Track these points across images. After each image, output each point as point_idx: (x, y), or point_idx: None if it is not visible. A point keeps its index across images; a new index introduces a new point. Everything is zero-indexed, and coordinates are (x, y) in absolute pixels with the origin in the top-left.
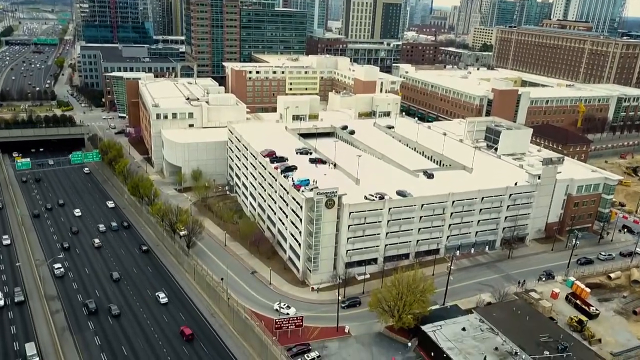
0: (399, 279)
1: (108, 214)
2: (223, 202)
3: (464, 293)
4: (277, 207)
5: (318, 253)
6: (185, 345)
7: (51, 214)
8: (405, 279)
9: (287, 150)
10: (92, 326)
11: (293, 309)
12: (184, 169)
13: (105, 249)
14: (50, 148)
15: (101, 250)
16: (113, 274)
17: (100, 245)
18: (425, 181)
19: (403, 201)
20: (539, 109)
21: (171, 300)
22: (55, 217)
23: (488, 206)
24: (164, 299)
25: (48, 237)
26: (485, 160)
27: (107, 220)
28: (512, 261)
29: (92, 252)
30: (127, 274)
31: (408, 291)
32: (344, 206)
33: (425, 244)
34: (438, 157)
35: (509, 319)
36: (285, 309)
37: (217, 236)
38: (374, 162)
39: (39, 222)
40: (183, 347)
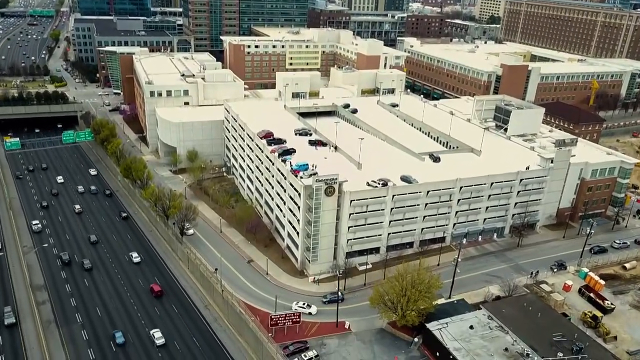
0: (403, 273)
1: (102, 201)
2: (220, 184)
3: (471, 285)
4: (275, 193)
5: (317, 243)
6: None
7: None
8: (410, 273)
9: (286, 131)
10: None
11: (314, 307)
12: (179, 150)
13: (101, 244)
14: (43, 126)
15: (97, 246)
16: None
17: (96, 240)
18: (431, 165)
19: (407, 188)
20: (549, 86)
21: (164, 291)
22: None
23: (497, 192)
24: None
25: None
26: (494, 142)
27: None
28: (522, 250)
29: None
30: (120, 265)
31: (412, 287)
32: (344, 194)
33: (431, 232)
34: (445, 138)
35: (519, 315)
36: (306, 308)
37: (213, 221)
38: (377, 144)
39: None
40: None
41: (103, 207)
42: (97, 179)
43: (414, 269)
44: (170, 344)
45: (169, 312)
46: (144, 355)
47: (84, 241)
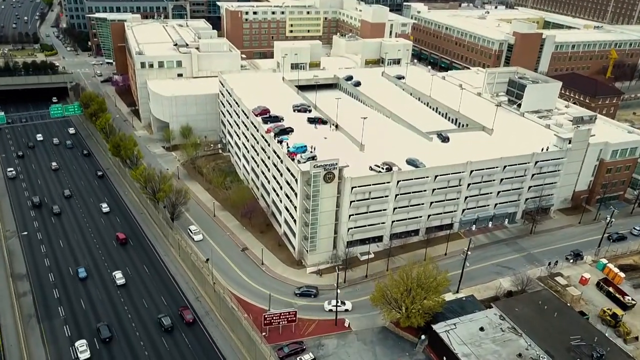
0: (408, 272)
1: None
2: (215, 162)
3: (481, 278)
4: (271, 176)
5: (315, 232)
6: (164, 335)
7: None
8: (415, 272)
9: (283, 106)
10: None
11: (349, 303)
12: (172, 125)
13: (88, 228)
14: (34, 99)
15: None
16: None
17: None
18: (440, 146)
19: (414, 173)
20: (563, 55)
21: (153, 280)
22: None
23: (510, 176)
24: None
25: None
26: (507, 119)
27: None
28: (535, 237)
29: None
30: (108, 253)
31: (418, 285)
32: (345, 180)
33: (438, 219)
34: (454, 114)
35: (533, 315)
36: (342, 305)
37: (206, 204)
38: (381, 121)
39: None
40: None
41: (93, 187)
42: (88, 160)
43: (420, 265)
44: (158, 343)
45: (158, 306)
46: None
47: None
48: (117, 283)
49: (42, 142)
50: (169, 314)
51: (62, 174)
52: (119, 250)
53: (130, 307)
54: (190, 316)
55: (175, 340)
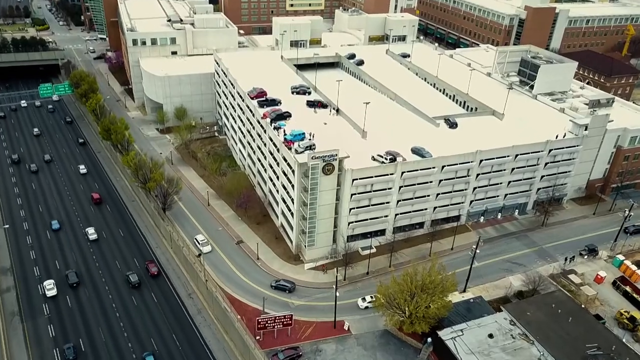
0: (411, 274)
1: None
2: (210, 146)
3: (490, 275)
4: (267, 164)
5: (314, 226)
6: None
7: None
8: (420, 274)
9: (281, 88)
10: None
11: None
12: (166, 106)
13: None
14: (26, 77)
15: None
16: None
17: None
18: (447, 132)
19: (420, 163)
20: (577, 31)
21: (142, 281)
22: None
23: (522, 165)
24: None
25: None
26: (518, 102)
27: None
28: (547, 230)
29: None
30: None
31: (422, 290)
32: (345, 172)
33: (444, 211)
34: (462, 97)
35: (546, 320)
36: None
37: (201, 192)
38: (385, 104)
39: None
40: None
41: (81, 180)
42: (77, 134)
43: (424, 267)
44: (147, 342)
45: (146, 301)
46: None
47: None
48: (89, 237)
49: (38, 137)
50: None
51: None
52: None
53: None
54: (154, 268)
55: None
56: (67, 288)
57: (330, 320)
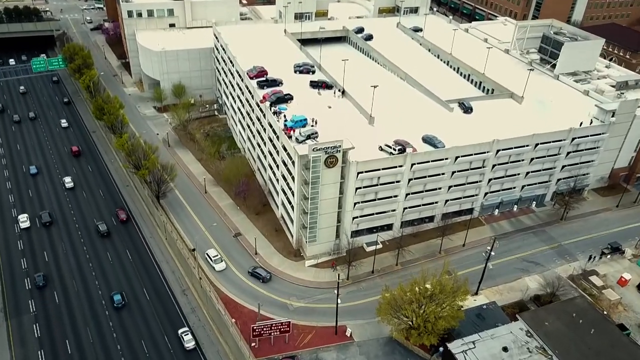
0: (420, 283)
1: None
2: (210, 126)
3: (504, 276)
4: (267, 151)
5: (315, 222)
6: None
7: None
8: (429, 283)
9: (283, 66)
10: None
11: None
12: (163, 84)
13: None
14: (16, 49)
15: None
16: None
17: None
18: (461, 117)
19: (431, 154)
20: (601, 1)
21: (135, 263)
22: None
23: (542, 154)
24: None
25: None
26: (538, 83)
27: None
28: (566, 224)
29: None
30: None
31: (431, 299)
32: (350, 164)
33: (456, 204)
34: (478, 77)
35: (566, 331)
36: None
37: (198, 177)
38: (394, 85)
39: None
40: None
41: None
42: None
43: (435, 275)
44: (137, 345)
45: (138, 298)
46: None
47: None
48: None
49: (33, 120)
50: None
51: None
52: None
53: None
54: (123, 215)
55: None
56: (40, 226)
57: (331, 325)
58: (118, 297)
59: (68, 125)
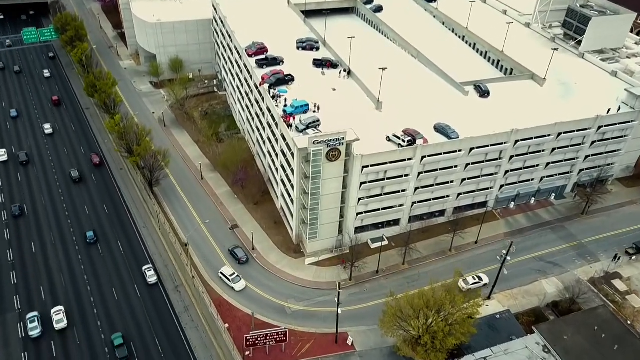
0: (428, 297)
1: None
2: (209, 104)
3: (519, 278)
4: (266, 137)
5: (316, 218)
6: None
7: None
8: (439, 293)
9: (285, 42)
10: None
11: (485, 276)
12: (159, 57)
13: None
14: (8, 17)
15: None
16: None
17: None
18: (477, 102)
19: (444, 146)
20: None
21: (125, 251)
22: None
23: (565, 144)
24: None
25: None
26: (562, 61)
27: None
28: (588, 219)
29: None
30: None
31: (438, 314)
32: (354, 157)
33: (469, 198)
34: (496, 54)
35: (587, 347)
36: (479, 281)
37: (194, 162)
38: (405, 64)
39: None
40: None
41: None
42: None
43: (442, 293)
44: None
45: (131, 300)
46: None
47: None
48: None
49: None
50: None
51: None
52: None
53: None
54: (97, 159)
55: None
56: (18, 165)
57: (331, 332)
58: (90, 234)
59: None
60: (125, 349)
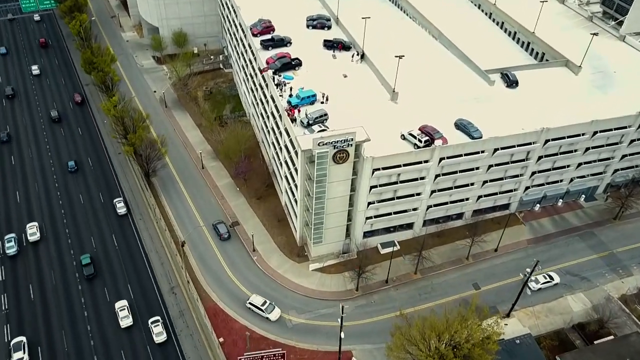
0: (438, 327)
1: None
2: (214, 82)
3: (542, 293)
4: (270, 127)
5: (321, 222)
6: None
7: None
8: (453, 321)
9: (294, 19)
10: None
11: (556, 275)
12: (162, 31)
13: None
14: None
15: None
16: None
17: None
18: (504, 93)
19: (465, 147)
20: None
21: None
22: None
23: (601, 143)
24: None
25: None
26: (599, 45)
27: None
28: (620, 225)
29: None
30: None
31: (451, 343)
32: (364, 160)
33: (490, 201)
34: (526, 36)
35: None
36: (550, 280)
37: (195, 148)
38: (426, 47)
39: None
40: None
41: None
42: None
43: (461, 313)
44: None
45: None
46: None
47: None
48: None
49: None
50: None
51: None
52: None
53: None
54: (79, 98)
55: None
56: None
57: (334, 351)
58: (72, 163)
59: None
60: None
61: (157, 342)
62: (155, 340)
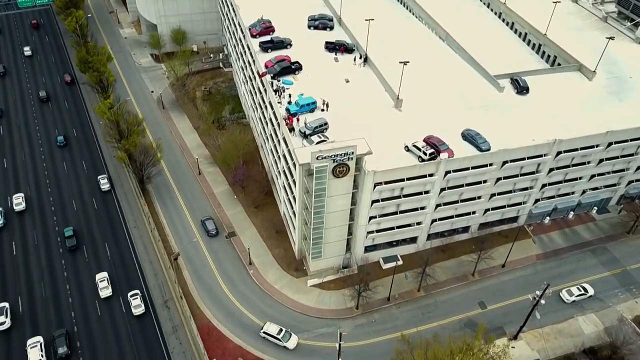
0: (438, 354)
1: None
2: (213, 81)
3: (552, 313)
4: (269, 134)
5: (320, 236)
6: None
7: None
8: (458, 350)
9: (295, 18)
10: None
11: (590, 288)
12: (161, 28)
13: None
14: None
15: None
16: None
17: None
18: (514, 100)
19: (472, 159)
20: None
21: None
22: None
23: (616, 154)
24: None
25: None
26: (614, 48)
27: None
28: (635, 240)
29: None
30: None
31: None
32: (365, 173)
33: (498, 214)
34: (537, 38)
35: None
36: (584, 293)
37: (193, 152)
38: (432, 50)
39: None
40: None
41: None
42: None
43: (466, 343)
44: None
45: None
46: None
47: None
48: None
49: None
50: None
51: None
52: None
53: None
54: (68, 78)
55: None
56: None
57: None
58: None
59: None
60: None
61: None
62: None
